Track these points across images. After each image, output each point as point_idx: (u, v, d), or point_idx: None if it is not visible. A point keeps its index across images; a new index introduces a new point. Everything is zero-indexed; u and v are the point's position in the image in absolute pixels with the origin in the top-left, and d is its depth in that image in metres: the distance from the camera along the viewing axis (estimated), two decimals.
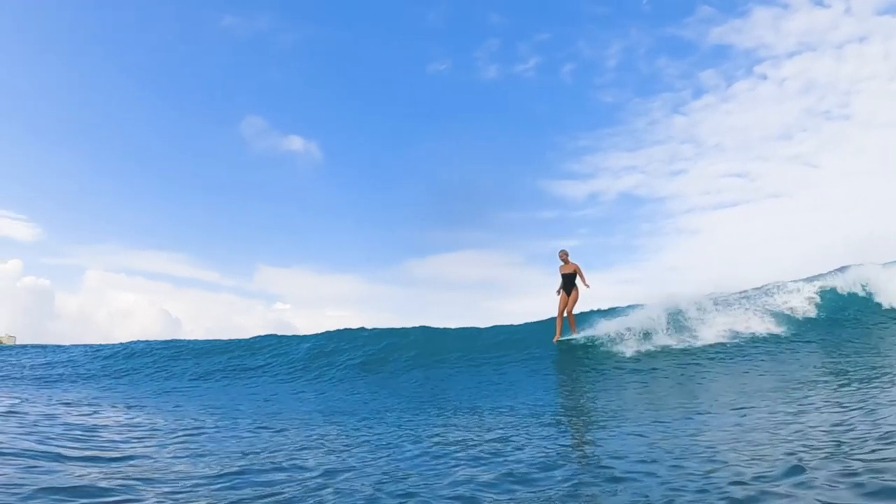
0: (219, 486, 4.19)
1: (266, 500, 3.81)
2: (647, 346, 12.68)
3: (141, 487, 4.04)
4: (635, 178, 50.00)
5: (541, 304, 14.10)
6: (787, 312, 14.20)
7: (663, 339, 12.98)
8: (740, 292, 15.48)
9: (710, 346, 12.33)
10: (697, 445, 4.92)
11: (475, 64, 52.85)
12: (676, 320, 13.62)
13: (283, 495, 3.91)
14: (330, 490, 4.03)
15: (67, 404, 8.82)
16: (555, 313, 14.10)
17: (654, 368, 10.91)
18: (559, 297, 14.03)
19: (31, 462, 4.55)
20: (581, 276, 13.79)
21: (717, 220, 48.08)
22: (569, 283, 13.94)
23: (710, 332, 13.17)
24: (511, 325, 15.81)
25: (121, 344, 18.36)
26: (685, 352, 12.12)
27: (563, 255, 14.11)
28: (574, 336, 13.92)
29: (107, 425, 6.93)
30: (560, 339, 13.85)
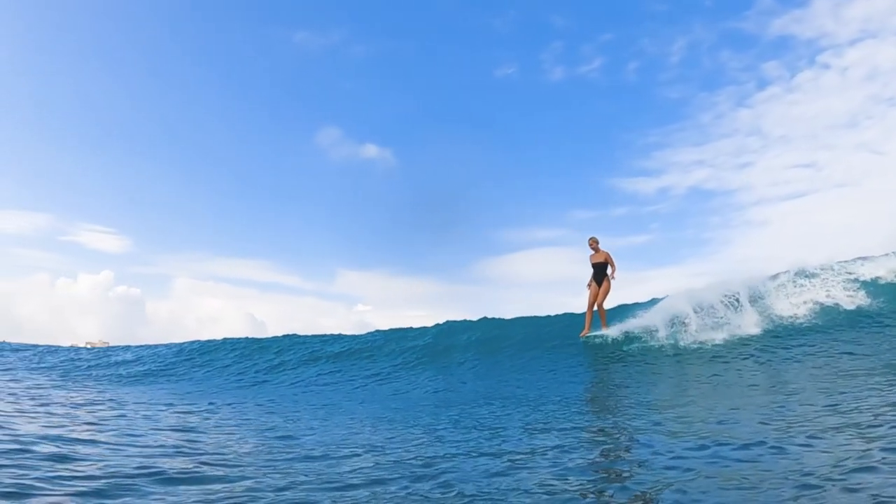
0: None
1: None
2: (688, 339, 11.81)
3: None
4: (704, 171, 50.91)
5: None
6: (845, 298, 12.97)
7: (704, 331, 12.05)
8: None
9: (753, 337, 11.43)
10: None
11: (541, 67, 53.68)
12: (720, 308, 12.58)
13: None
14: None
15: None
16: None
17: (694, 363, 10.16)
18: (590, 288, 13.30)
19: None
20: (611, 265, 13.09)
21: (786, 211, 48.78)
22: (599, 273, 13.22)
23: (750, 321, 12.19)
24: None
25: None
26: (744, 341, 11.22)
27: (593, 243, 13.38)
28: (604, 332, 13.12)
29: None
30: (588, 334, 13.14)
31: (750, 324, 12.09)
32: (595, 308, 13.26)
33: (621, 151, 54.02)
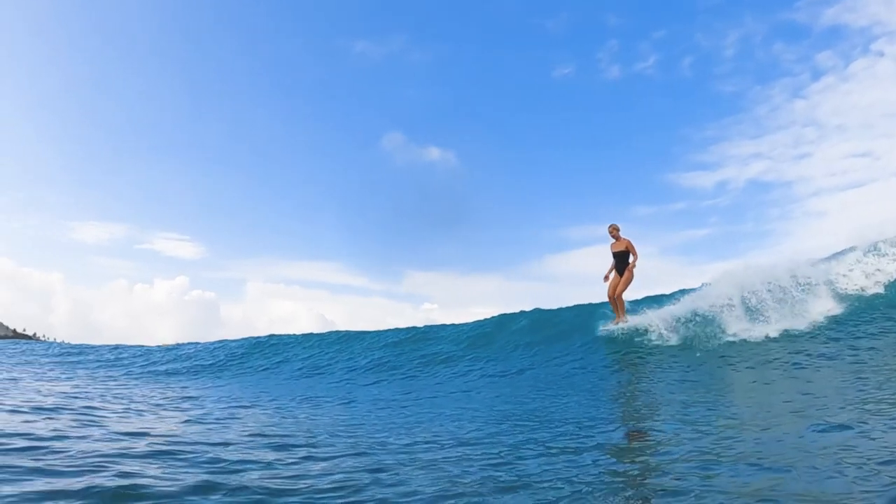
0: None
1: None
2: (720, 334, 11.24)
3: None
4: (761, 164, 50.46)
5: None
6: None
7: (739, 325, 11.44)
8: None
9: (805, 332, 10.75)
10: None
11: (598, 66, 54.41)
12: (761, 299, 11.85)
13: None
14: None
15: None
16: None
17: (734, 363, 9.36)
18: (608, 281, 12.90)
19: None
20: (633, 254, 12.55)
21: (845, 201, 47.98)
22: (620, 263, 12.72)
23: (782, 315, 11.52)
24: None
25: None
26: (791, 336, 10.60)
27: (613, 231, 12.86)
28: (619, 324, 12.61)
29: None
30: (620, 322, 12.64)
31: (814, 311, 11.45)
32: (614, 298, 12.72)
33: (679, 146, 53.72)
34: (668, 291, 14.55)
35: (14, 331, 52.12)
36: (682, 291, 13.69)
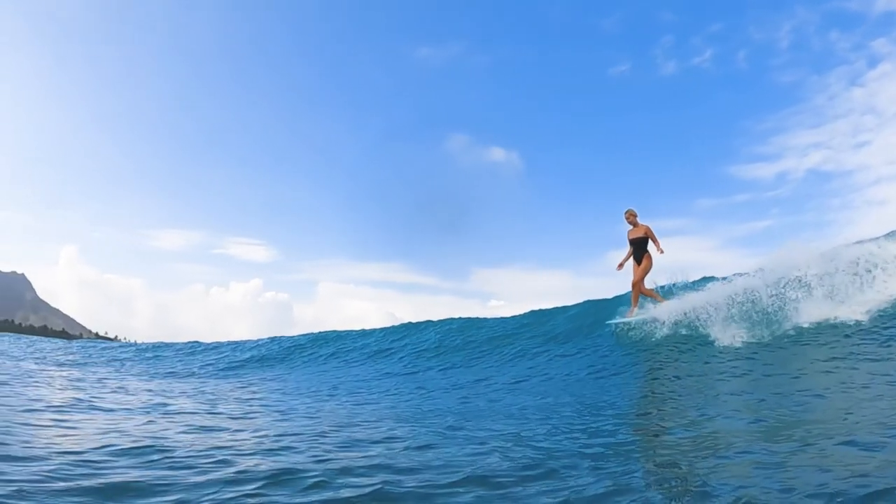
0: None
1: None
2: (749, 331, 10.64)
3: None
4: (821, 154, 48.94)
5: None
6: None
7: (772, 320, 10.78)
8: None
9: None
10: None
11: (654, 62, 54.35)
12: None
13: None
14: None
15: None
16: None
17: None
18: (633, 267, 12.41)
19: None
20: (653, 240, 12.03)
21: None
22: (639, 250, 12.22)
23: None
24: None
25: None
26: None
27: (630, 216, 12.34)
28: (633, 316, 12.24)
29: None
30: (630, 317, 12.32)
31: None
32: (633, 287, 12.34)
33: (739, 139, 52.65)
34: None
35: (97, 334, 54.93)
36: (708, 279, 13.20)
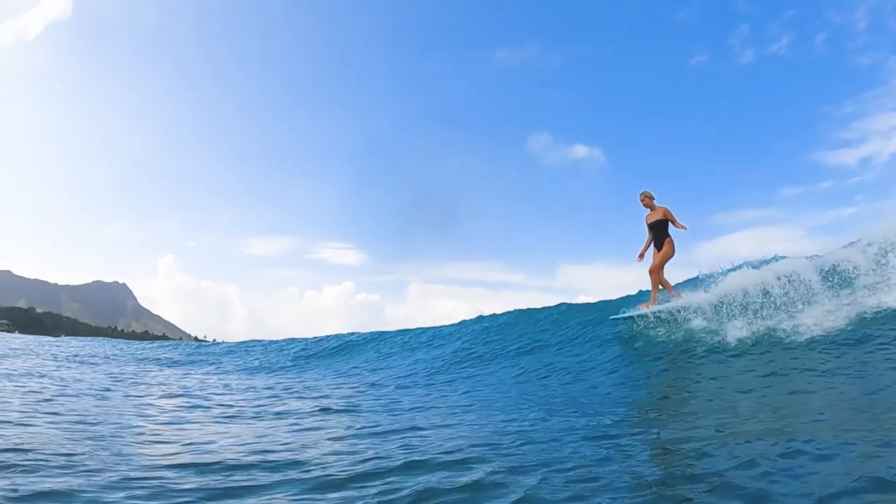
0: None
1: None
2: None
3: None
4: None
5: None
6: None
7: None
8: None
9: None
10: None
11: (731, 51, 53.68)
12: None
13: None
14: None
15: None
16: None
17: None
18: (641, 259, 11.57)
19: None
20: (672, 221, 11.05)
21: None
22: (659, 235, 11.25)
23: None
24: None
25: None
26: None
27: (646, 199, 11.43)
28: (650, 308, 11.26)
29: None
30: (648, 308, 11.32)
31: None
32: (651, 274, 11.38)
33: (820, 125, 50.85)
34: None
35: (195, 338, 57.60)
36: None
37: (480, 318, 18.07)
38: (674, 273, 13.29)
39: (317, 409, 7.31)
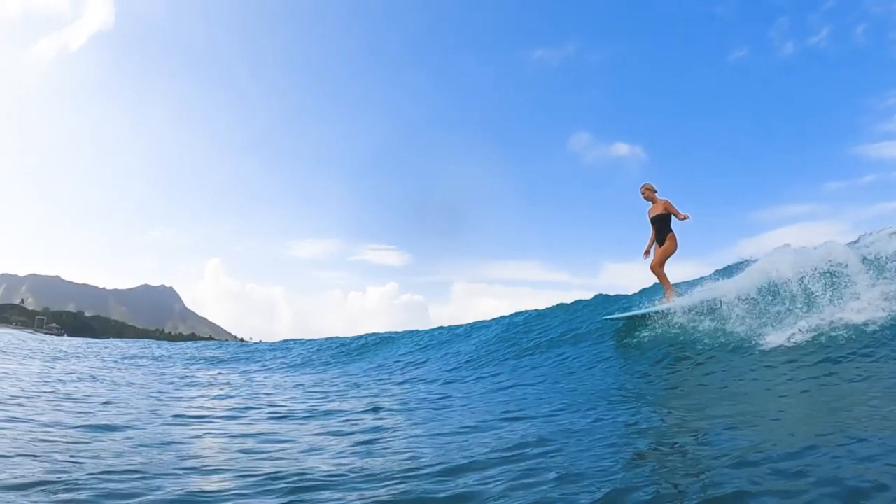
0: None
1: None
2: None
3: None
4: None
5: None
6: None
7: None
8: None
9: None
10: None
11: (771, 45, 53.06)
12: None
13: None
14: None
15: None
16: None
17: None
18: (646, 256, 11.01)
19: None
20: (674, 212, 10.55)
21: None
22: (661, 230, 10.76)
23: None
24: None
25: None
26: None
27: (647, 191, 10.94)
28: (672, 301, 10.61)
29: None
30: (669, 300, 10.72)
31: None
32: (655, 270, 10.83)
33: (863, 117, 49.55)
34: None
35: (241, 339, 58.60)
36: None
37: (518, 313, 17.91)
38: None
39: (367, 407, 7.27)
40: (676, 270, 12.11)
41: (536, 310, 17.32)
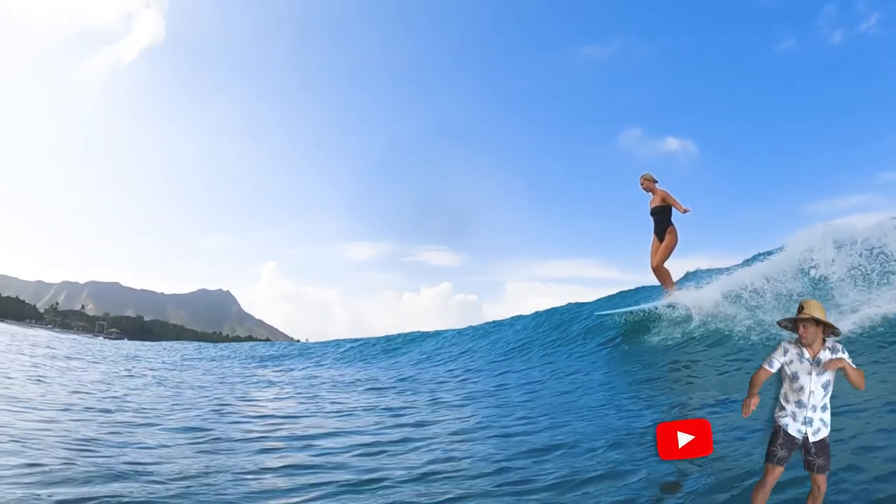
0: None
1: None
2: None
3: None
4: None
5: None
6: None
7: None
8: None
9: None
10: None
11: (819, 33, 51.90)
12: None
13: None
14: None
15: None
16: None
17: None
18: (652, 244, 10.36)
19: None
20: (673, 203, 9.93)
21: None
22: (660, 223, 10.13)
23: None
24: None
25: None
26: None
27: (645, 182, 10.28)
28: (673, 296, 10.17)
29: None
30: (671, 291, 10.31)
31: None
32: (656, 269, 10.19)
33: None
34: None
35: (297, 341, 59.51)
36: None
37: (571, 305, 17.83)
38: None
39: (428, 402, 7.28)
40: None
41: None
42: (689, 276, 12.59)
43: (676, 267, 11.31)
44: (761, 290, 9.61)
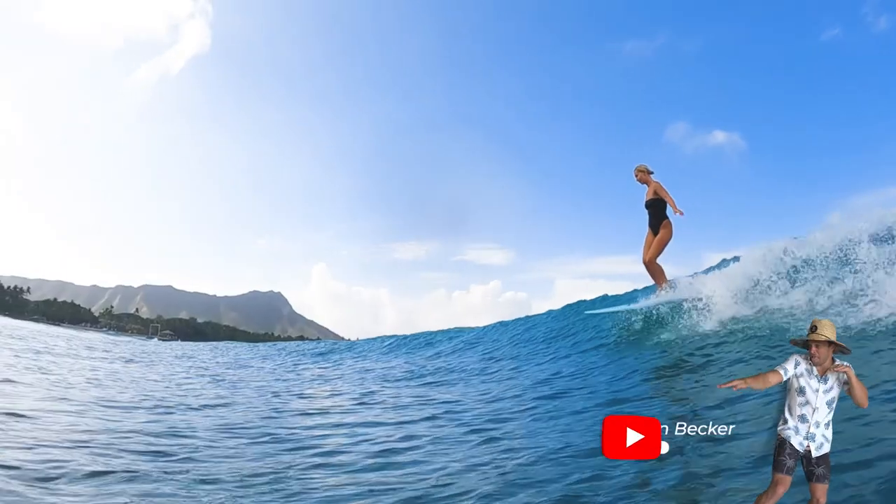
0: None
1: None
2: None
3: None
4: None
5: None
6: None
7: None
8: None
9: None
10: None
11: (864, 20, 50.67)
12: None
13: None
14: None
15: None
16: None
17: None
18: (646, 238, 9.98)
19: None
20: (665, 198, 9.55)
21: None
22: (654, 217, 9.76)
23: None
24: None
25: None
26: None
27: (639, 173, 9.95)
28: (664, 294, 9.90)
29: None
30: (664, 286, 9.98)
31: None
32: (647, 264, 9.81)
33: None
34: None
35: (348, 340, 60.24)
36: None
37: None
38: None
39: (482, 396, 7.35)
40: None
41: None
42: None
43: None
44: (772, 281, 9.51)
